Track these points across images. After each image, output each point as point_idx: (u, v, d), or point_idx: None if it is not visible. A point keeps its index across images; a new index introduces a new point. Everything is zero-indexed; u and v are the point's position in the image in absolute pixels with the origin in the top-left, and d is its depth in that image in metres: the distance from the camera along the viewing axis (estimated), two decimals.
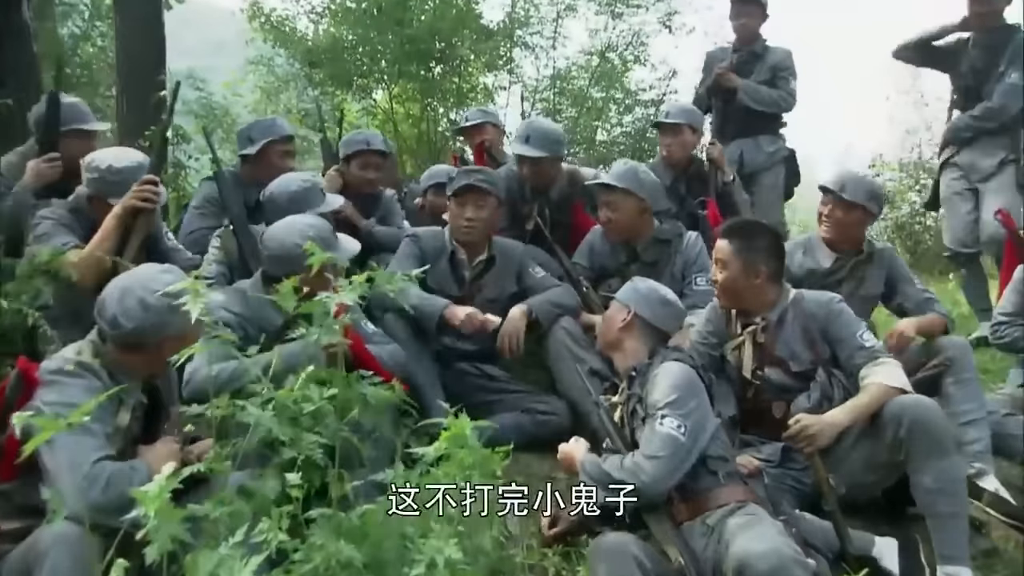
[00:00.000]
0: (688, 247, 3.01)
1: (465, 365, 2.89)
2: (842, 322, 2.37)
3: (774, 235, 2.45)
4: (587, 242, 3.14)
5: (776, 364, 2.40)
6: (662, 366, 2.06)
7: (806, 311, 2.40)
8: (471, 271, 2.94)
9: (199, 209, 3.27)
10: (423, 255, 2.90)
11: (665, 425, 1.93)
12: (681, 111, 3.80)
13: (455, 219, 2.88)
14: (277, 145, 3.29)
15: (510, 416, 2.75)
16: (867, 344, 2.34)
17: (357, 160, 3.49)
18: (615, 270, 3.03)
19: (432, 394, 2.62)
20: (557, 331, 2.77)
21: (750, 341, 2.43)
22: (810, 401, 2.34)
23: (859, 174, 2.93)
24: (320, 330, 1.90)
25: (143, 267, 1.84)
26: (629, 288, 2.27)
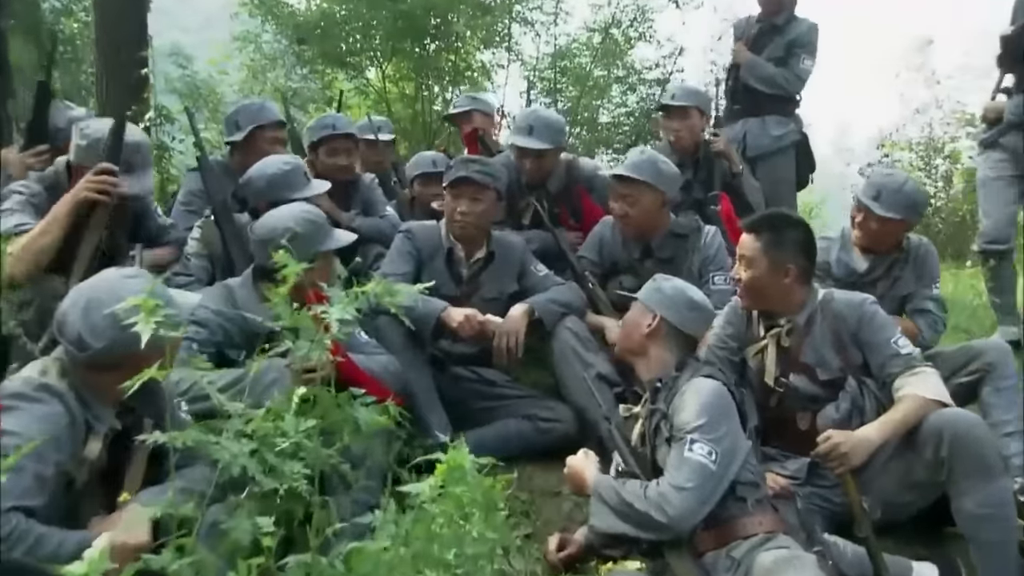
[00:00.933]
0: (706, 243, 2.82)
1: (461, 369, 2.73)
2: (875, 326, 2.20)
3: (805, 229, 2.26)
4: (596, 234, 2.94)
5: (802, 371, 2.23)
6: (691, 382, 1.88)
7: (836, 313, 2.22)
8: (469, 268, 2.76)
9: (186, 205, 3.07)
10: (418, 253, 2.71)
11: (695, 451, 1.75)
12: (688, 92, 3.57)
13: (449, 212, 2.69)
14: (266, 131, 3.09)
15: (511, 423, 2.59)
16: (903, 351, 2.16)
17: (324, 146, 3.28)
18: (626, 266, 2.85)
19: (429, 405, 2.46)
20: (562, 332, 2.59)
21: (774, 345, 2.25)
22: (839, 412, 2.16)
23: (897, 180, 2.66)
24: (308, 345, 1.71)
25: (105, 274, 1.62)
26: (652, 289, 2.08)
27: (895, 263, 2.71)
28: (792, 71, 3.97)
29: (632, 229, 2.82)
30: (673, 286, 2.06)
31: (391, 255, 2.71)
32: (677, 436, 1.83)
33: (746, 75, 3.93)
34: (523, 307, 2.60)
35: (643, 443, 1.96)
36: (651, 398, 1.98)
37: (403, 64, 6.76)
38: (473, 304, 2.69)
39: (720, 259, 2.81)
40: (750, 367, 2.31)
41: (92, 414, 1.58)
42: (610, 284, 2.87)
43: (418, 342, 2.56)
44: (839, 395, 2.18)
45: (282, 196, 2.55)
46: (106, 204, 2.36)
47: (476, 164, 2.69)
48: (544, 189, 3.26)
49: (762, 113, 3.95)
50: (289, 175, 2.63)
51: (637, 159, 2.78)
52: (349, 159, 3.35)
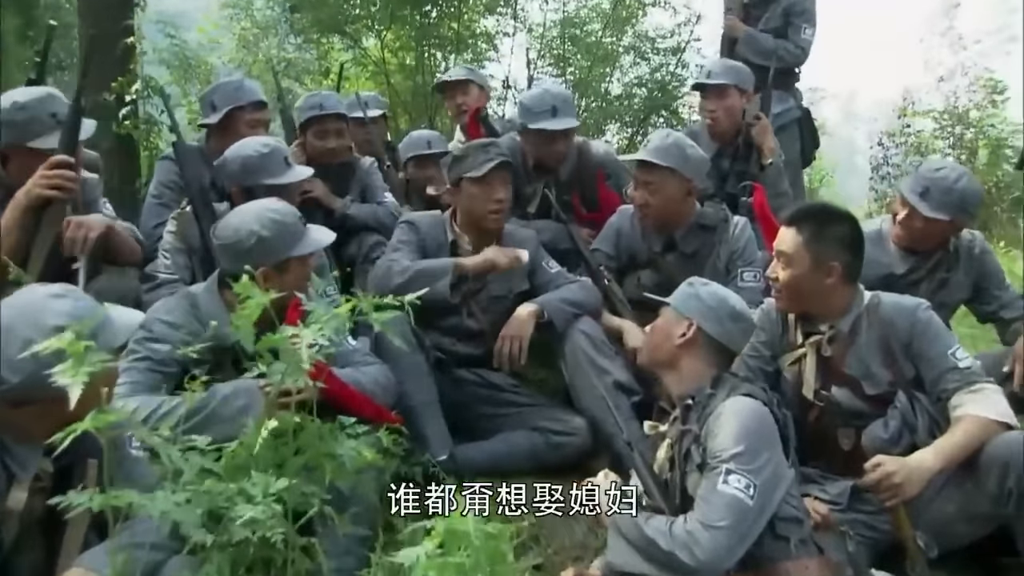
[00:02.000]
0: (735, 235, 2.59)
1: (465, 372, 2.52)
2: (931, 336, 1.98)
3: (852, 223, 2.04)
4: (612, 225, 2.71)
5: (845, 383, 2.02)
6: (728, 402, 1.67)
7: (884, 320, 2.01)
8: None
9: (158, 197, 2.84)
10: (423, 244, 2.49)
11: (730, 484, 1.55)
12: (726, 69, 3.29)
13: (482, 203, 2.43)
14: (245, 112, 2.85)
15: (519, 435, 2.39)
16: (961, 363, 1.95)
17: (313, 128, 3.07)
18: (647, 260, 2.62)
19: (428, 418, 2.26)
20: (575, 336, 2.37)
21: (813, 354, 2.04)
22: (887, 431, 1.95)
23: (948, 178, 2.37)
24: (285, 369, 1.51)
25: (28, 293, 1.39)
26: (688, 294, 1.85)
27: (940, 263, 2.48)
28: (793, 42, 3.73)
29: (653, 220, 2.60)
30: (712, 292, 1.84)
31: (393, 246, 2.49)
32: (711, 464, 1.62)
33: (744, 50, 3.69)
34: (531, 308, 2.38)
35: (671, 468, 1.75)
36: (682, 417, 1.77)
37: (403, 32, 6.47)
38: (479, 304, 2.49)
39: (750, 253, 2.58)
40: (785, 378, 2.09)
41: (13, 458, 1.36)
42: (627, 280, 2.65)
43: (421, 343, 2.35)
44: (887, 411, 1.97)
45: (257, 181, 2.36)
46: (63, 201, 2.13)
47: (495, 147, 2.46)
48: (554, 175, 3.03)
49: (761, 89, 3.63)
50: (266, 159, 2.41)
51: (661, 142, 2.54)
52: (340, 141, 3.14)
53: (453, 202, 2.54)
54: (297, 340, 1.43)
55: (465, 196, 2.46)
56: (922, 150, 8.12)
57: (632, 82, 6.64)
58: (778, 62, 3.67)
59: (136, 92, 5.35)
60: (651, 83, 6.55)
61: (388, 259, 2.42)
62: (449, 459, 2.21)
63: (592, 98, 6.69)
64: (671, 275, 2.55)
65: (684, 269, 2.55)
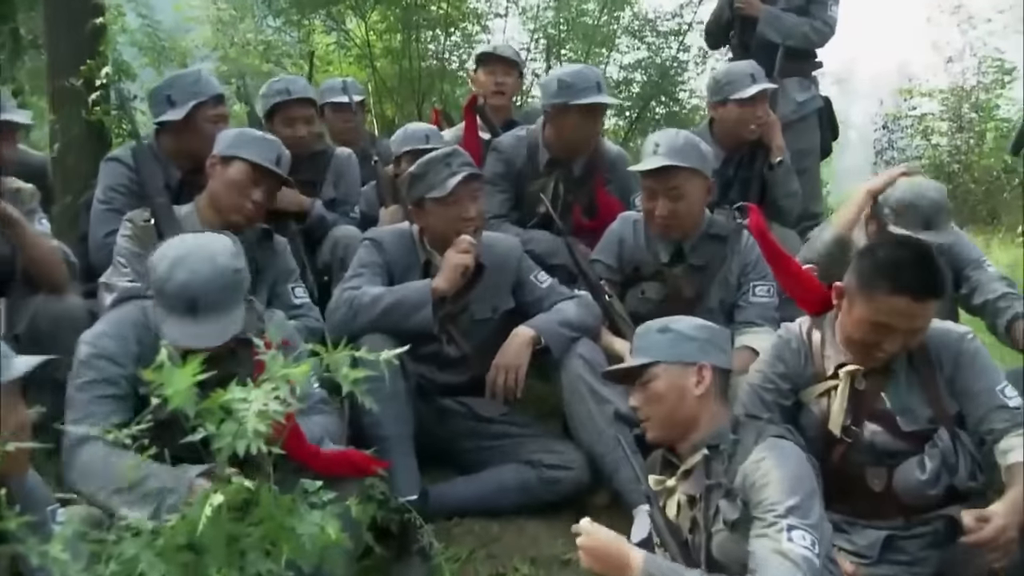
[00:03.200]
0: (748, 246, 2.39)
1: (449, 401, 2.32)
2: (977, 369, 1.79)
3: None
4: (613, 234, 2.48)
5: (879, 419, 1.83)
6: (766, 448, 1.49)
7: (929, 351, 1.82)
8: None
9: (107, 203, 2.60)
10: (389, 267, 2.27)
11: (795, 541, 1.37)
12: (763, 73, 3.01)
13: (451, 223, 2.21)
14: (207, 107, 2.61)
15: (509, 470, 2.20)
16: (1011, 402, 1.76)
17: (279, 115, 2.86)
18: (652, 272, 2.40)
19: (399, 452, 2.05)
20: (572, 361, 2.17)
21: (847, 387, 1.83)
22: (925, 472, 1.76)
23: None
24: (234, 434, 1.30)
25: None
26: (672, 339, 1.61)
27: None
28: (820, 19, 3.45)
29: (680, 228, 2.37)
30: (692, 324, 1.65)
31: (354, 270, 2.27)
32: (762, 519, 1.42)
33: (765, 30, 3.41)
34: (526, 334, 2.18)
35: (691, 528, 1.56)
36: (705, 469, 1.56)
37: (389, 13, 6.19)
38: (460, 327, 2.29)
39: (763, 266, 2.37)
40: (809, 411, 1.89)
41: None
42: (630, 293, 2.43)
43: (402, 369, 2.14)
44: (926, 450, 1.78)
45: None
46: None
47: (457, 156, 2.24)
48: (567, 169, 2.81)
49: (781, 75, 3.38)
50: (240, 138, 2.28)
51: (676, 143, 2.31)
52: (310, 128, 2.92)
53: (418, 223, 2.32)
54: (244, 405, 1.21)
55: (431, 217, 2.24)
56: (927, 134, 7.94)
57: (631, 66, 6.39)
58: (805, 44, 3.43)
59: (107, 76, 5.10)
60: (651, 67, 6.31)
61: (349, 287, 2.18)
62: (420, 498, 2.03)
63: None
64: (678, 288, 2.38)
65: (693, 282, 2.37)
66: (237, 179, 2.25)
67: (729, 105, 2.92)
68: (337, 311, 2.16)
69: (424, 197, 2.22)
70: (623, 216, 2.51)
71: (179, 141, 2.59)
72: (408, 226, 2.37)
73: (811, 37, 3.46)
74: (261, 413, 1.21)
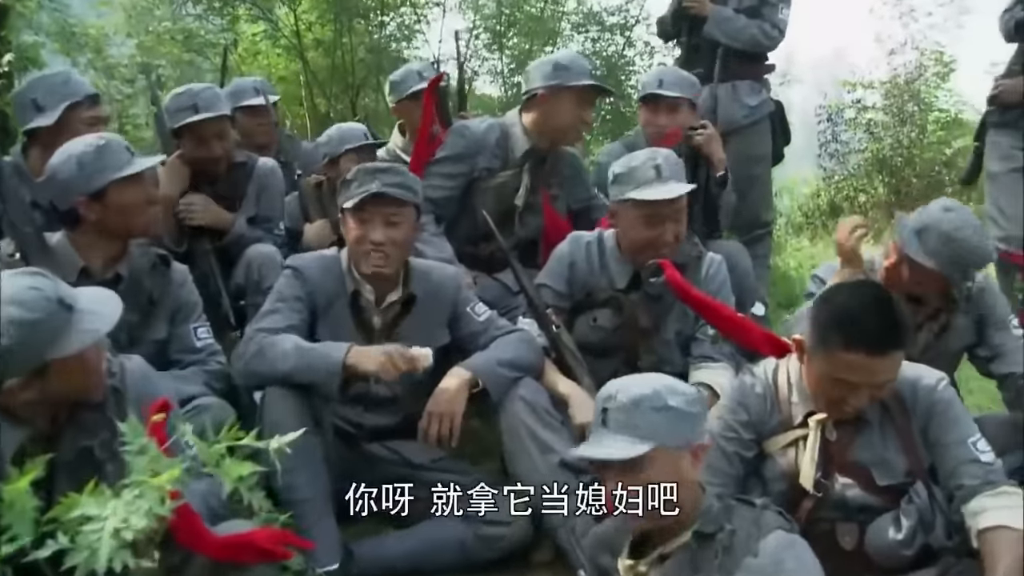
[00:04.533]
0: (709, 275, 2.23)
1: (377, 447, 2.11)
2: (951, 418, 1.67)
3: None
4: (562, 256, 2.28)
5: (851, 473, 1.69)
6: (780, 549, 1.35)
7: (904, 398, 1.69)
8: (382, 316, 2.10)
9: None
10: (310, 299, 2.04)
11: None
12: (681, 81, 2.92)
13: (357, 243, 2.01)
14: (81, 109, 2.36)
15: (444, 526, 1.98)
16: (983, 457, 1.64)
17: (188, 135, 2.60)
18: (605, 299, 2.21)
19: (315, 516, 1.83)
20: (513, 404, 1.98)
21: (816, 437, 1.68)
22: (900, 530, 1.62)
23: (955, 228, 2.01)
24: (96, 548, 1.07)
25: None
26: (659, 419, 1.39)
27: (940, 310, 2.16)
28: (770, 22, 3.35)
29: (675, 249, 2.20)
30: (686, 397, 1.44)
31: (271, 304, 2.03)
32: None
33: (713, 31, 3.30)
34: (462, 376, 1.97)
35: None
36: (691, 560, 1.39)
37: (320, 3, 5.86)
38: None
39: (725, 295, 2.24)
40: (774, 462, 1.74)
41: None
42: (580, 321, 2.24)
43: (317, 420, 1.92)
44: (900, 505, 1.65)
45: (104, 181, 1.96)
46: None
47: (389, 174, 2.01)
48: (541, 162, 2.65)
49: (730, 78, 3.31)
50: (105, 153, 1.99)
51: (672, 161, 2.18)
52: (224, 144, 2.66)
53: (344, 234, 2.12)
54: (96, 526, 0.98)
55: (346, 230, 2.05)
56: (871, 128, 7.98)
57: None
58: (754, 47, 3.34)
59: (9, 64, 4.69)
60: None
61: (261, 330, 1.96)
62: (342, 567, 1.84)
63: None
64: (634, 317, 2.20)
65: (650, 310, 2.21)
66: (132, 201, 2.01)
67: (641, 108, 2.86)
68: (244, 357, 1.93)
69: (343, 207, 2.02)
70: (573, 237, 2.31)
71: (49, 150, 2.27)
72: (336, 251, 2.14)
73: (760, 40, 3.35)
74: (118, 532, 0.98)
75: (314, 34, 5.81)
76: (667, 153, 2.22)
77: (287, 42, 5.77)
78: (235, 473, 1.06)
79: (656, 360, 2.17)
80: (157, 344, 2.08)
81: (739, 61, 3.31)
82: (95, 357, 1.48)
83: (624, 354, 2.19)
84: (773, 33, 3.37)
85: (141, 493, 1.02)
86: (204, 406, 1.96)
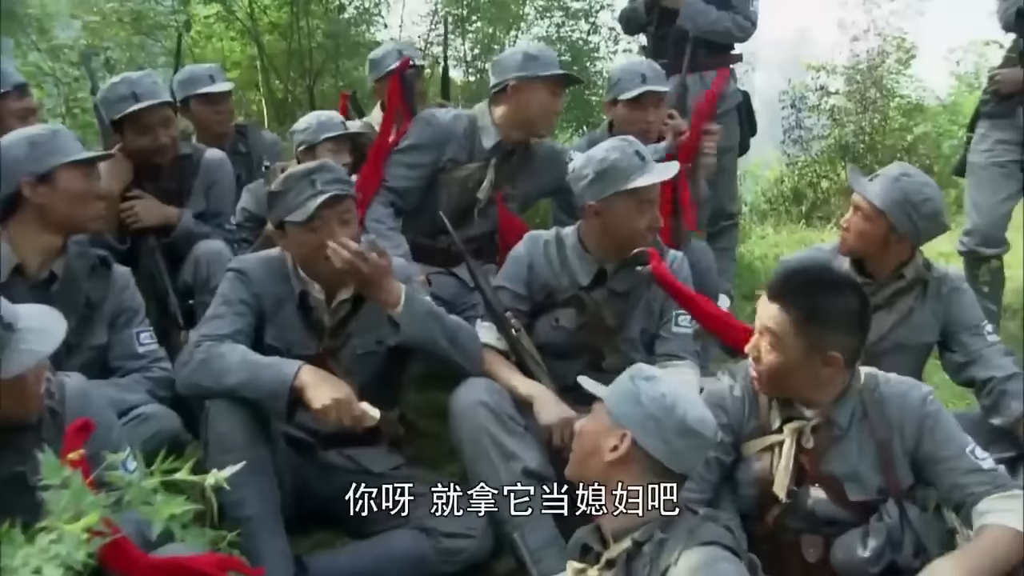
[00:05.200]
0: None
1: (334, 455, 2.03)
2: (943, 434, 1.64)
3: (857, 295, 1.65)
4: (522, 256, 2.20)
5: (823, 484, 1.65)
6: (693, 558, 1.28)
7: (885, 413, 1.65)
8: (332, 316, 2.01)
9: None
10: (257, 302, 1.95)
11: None
12: (657, 72, 2.84)
13: (315, 252, 1.91)
14: (10, 100, 2.26)
15: (402, 539, 1.93)
16: (984, 464, 1.62)
17: (130, 124, 2.48)
18: (567, 298, 2.14)
19: (265, 534, 1.76)
20: (475, 411, 1.91)
21: (792, 444, 1.64)
22: (867, 547, 1.60)
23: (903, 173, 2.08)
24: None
25: None
26: (626, 394, 1.42)
27: (899, 293, 2.13)
28: (743, 14, 3.34)
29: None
30: (657, 395, 1.39)
31: (215, 309, 1.94)
32: None
33: (686, 23, 3.25)
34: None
35: None
36: (624, 568, 1.36)
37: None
38: (341, 365, 1.99)
39: None
40: (748, 466, 1.70)
41: None
42: (541, 322, 2.17)
43: (265, 432, 1.84)
44: (870, 522, 1.62)
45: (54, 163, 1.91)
46: None
47: (323, 172, 1.93)
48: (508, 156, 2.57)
49: (699, 68, 3.28)
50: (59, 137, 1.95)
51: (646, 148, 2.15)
52: (170, 132, 2.54)
53: (281, 248, 2.01)
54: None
55: (293, 244, 1.95)
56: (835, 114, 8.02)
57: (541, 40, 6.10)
58: (727, 39, 3.35)
59: None
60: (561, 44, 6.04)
61: (207, 336, 1.86)
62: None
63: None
64: (600, 315, 2.14)
65: (614, 310, 2.15)
66: (80, 189, 1.94)
67: (619, 106, 2.77)
68: (187, 366, 1.84)
69: (284, 220, 1.91)
70: (530, 237, 2.24)
71: None
72: (279, 251, 2.04)
73: (733, 32, 3.35)
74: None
75: (269, 17, 5.61)
76: (633, 139, 2.16)
77: (241, 25, 5.57)
78: (166, 512, 0.97)
79: (621, 359, 2.11)
80: (96, 350, 1.99)
81: (707, 51, 3.30)
82: (35, 379, 1.39)
83: (588, 355, 2.13)
84: (746, 24, 3.37)
85: (58, 538, 0.93)
86: (146, 415, 1.88)
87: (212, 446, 1.77)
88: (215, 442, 1.76)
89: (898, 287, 2.13)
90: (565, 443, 1.79)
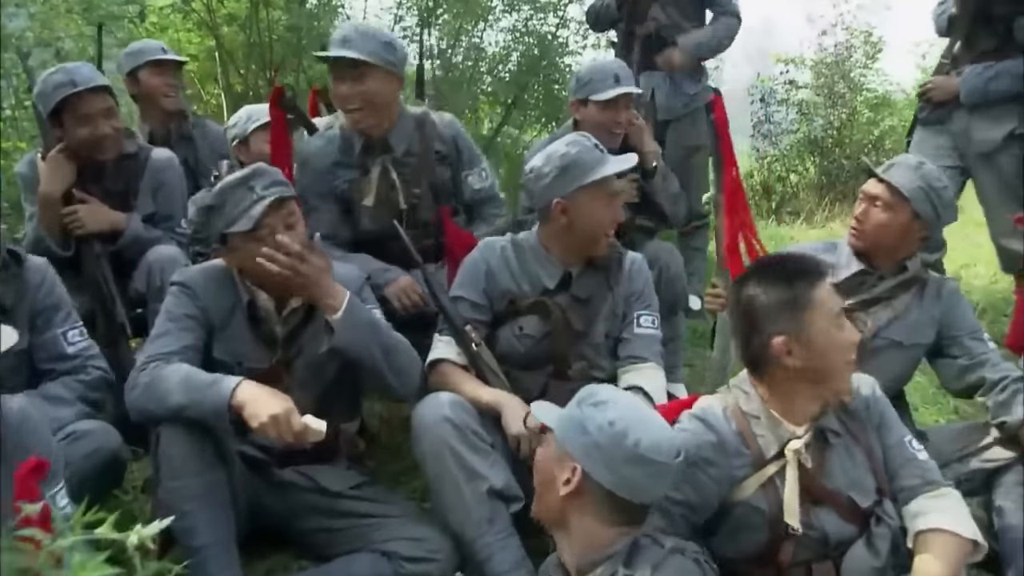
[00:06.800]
0: (631, 275, 2.10)
1: (290, 473, 1.94)
2: (892, 421, 1.64)
3: None
4: (477, 263, 2.09)
5: (832, 501, 1.56)
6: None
7: (856, 411, 1.63)
8: (283, 325, 1.91)
9: None
10: (207, 314, 1.85)
11: None
12: (628, 72, 2.77)
13: (252, 256, 1.80)
14: None
15: (361, 562, 1.84)
16: (919, 455, 1.60)
17: (68, 113, 2.35)
18: (530, 304, 2.05)
19: (218, 564, 1.67)
20: (439, 426, 1.81)
21: (795, 467, 1.54)
22: (880, 557, 1.52)
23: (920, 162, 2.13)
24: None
25: None
26: (573, 422, 1.36)
27: (898, 288, 2.12)
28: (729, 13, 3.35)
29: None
30: (605, 422, 1.32)
31: (160, 324, 1.83)
32: None
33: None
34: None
35: None
36: None
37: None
38: (294, 376, 1.90)
39: (648, 295, 2.11)
40: (753, 510, 1.55)
41: None
42: (503, 331, 2.07)
43: (219, 453, 1.74)
44: (871, 529, 1.55)
45: None
46: None
47: (261, 177, 1.83)
48: (388, 150, 2.38)
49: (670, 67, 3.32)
50: None
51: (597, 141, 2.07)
52: (112, 123, 2.41)
53: (227, 264, 1.91)
54: None
55: (239, 255, 1.85)
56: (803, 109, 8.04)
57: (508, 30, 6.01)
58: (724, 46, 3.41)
59: None
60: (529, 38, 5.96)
61: (153, 357, 1.75)
62: None
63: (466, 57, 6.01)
64: (566, 320, 2.03)
65: (578, 315, 2.06)
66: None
67: (590, 106, 2.69)
68: (134, 391, 1.73)
69: (226, 233, 1.81)
70: (486, 243, 2.13)
71: None
72: (223, 264, 1.93)
73: (731, 37, 3.38)
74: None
75: (227, 8, 5.44)
76: (586, 134, 2.10)
77: (198, 17, 5.39)
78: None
79: (587, 366, 2.04)
80: (18, 355, 1.84)
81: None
82: None
83: (553, 364, 2.04)
84: (733, 23, 3.37)
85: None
86: (81, 433, 1.76)
87: (163, 471, 1.67)
88: (166, 467, 1.66)
89: (901, 279, 2.11)
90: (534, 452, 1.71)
